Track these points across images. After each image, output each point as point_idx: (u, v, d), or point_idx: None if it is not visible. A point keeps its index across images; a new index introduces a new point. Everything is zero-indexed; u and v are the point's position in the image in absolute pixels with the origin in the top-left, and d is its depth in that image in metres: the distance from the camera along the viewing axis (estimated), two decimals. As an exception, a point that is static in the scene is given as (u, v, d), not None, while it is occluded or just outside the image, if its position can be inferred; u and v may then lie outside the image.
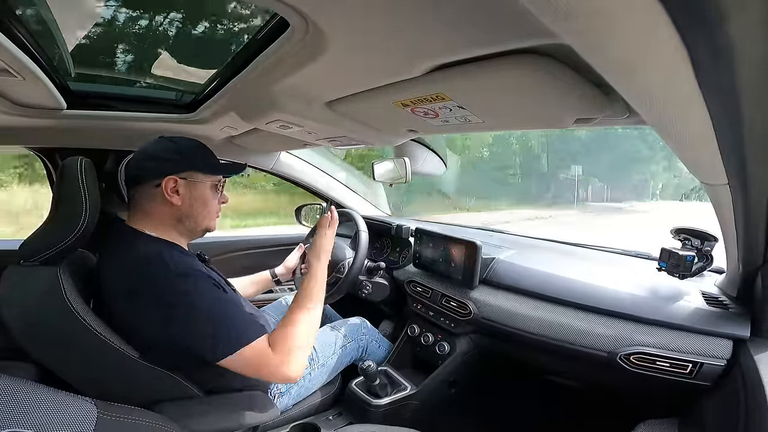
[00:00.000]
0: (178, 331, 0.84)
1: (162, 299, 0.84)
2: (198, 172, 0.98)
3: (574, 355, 1.02)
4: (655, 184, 14.17)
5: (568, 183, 18.96)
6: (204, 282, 0.88)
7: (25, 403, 0.46)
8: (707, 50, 0.31)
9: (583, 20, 0.28)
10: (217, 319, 0.85)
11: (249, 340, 0.85)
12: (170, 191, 0.94)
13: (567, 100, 0.66)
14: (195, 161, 0.97)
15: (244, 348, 0.84)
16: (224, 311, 0.87)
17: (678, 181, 11.31)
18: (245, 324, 0.88)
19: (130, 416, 0.60)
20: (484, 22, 0.47)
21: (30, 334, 0.85)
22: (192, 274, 0.88)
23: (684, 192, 6.47)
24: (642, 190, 15.94)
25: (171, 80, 1.16)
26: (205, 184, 0.99)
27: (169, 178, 0.94)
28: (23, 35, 0.72)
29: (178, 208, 0.96)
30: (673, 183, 11.91)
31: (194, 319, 0.84)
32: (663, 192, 12.09)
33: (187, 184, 0.96)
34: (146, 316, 0.86)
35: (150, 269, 0.87)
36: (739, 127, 0.45)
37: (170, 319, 0.84)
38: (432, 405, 1.29)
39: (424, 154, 1.63)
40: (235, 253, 1.87)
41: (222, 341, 0.84)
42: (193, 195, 0.98)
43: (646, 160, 13.69)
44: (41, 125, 1.19)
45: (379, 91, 0.78)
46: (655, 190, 13.62)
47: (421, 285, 1.41)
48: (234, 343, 0.84)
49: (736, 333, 0.86)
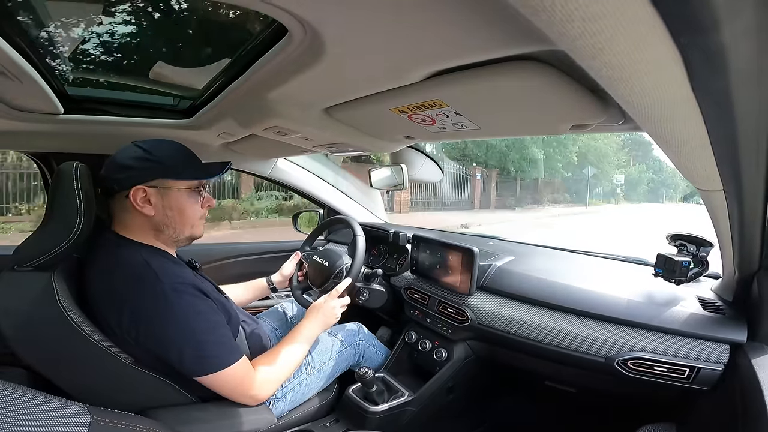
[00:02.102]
0: (159, 344, 0.85)
1: (145, 311, 0.85)
2: (170, 178, 0.93)
3: (571, 360, 1.02)
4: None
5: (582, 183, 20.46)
6: (190, 297, 0.88)
7: (18, 409, 0.46)
8: (701, 56, 0.32)
9: (578, 25, 0.28)
10: (199, 341, 0.86)
11: (225, 366, 0.88)
12: (140, 201, 0.90)
13: (563, 107, 0.66)
14: (166, 167, 0.92)
15: (219, 372, 0.87)
16: (207, 333, 0.87)
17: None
18: (225, 349, 0.90)
19: (123, 422, 0.59)
20: (480, 29, 0.48)
21: (23, 339, 0.84)
22: (178, 289, 0.87)
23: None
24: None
25: (168, 86, 1.16)
26: (179, 191, 0.94)
27: (137, 188, 0.89)
28: (21, 39, 0.72)
29: (152, 218, 0.93)
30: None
31: (176, 339, 0.85)
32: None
33: (158, 192, 0.92)
34: (129, 326, 0.85)
35: (136, 279, 0.86)
36: (734, 133, 0.45)
37: (153, 334, 0.85)
38: (429, 412, 1.28)
39: (421, 161, 1.64)
40: (229, 259, 1.85)
41: (198, 362, 0.86)
42: (167, 203, 0.93)
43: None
44: (38, 129, 1.18)
45: (377, 98, 0.78)
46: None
47: (418, 291, 1.41)
48: (210, 367, 0.87)
49: (733, 337, 0.86)
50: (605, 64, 0.34)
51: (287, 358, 1.03)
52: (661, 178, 43.48)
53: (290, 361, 1.04)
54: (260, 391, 0.95)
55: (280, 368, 1.00)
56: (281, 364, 1.01)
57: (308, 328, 1.12)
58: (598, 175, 24.33)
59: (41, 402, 0.49)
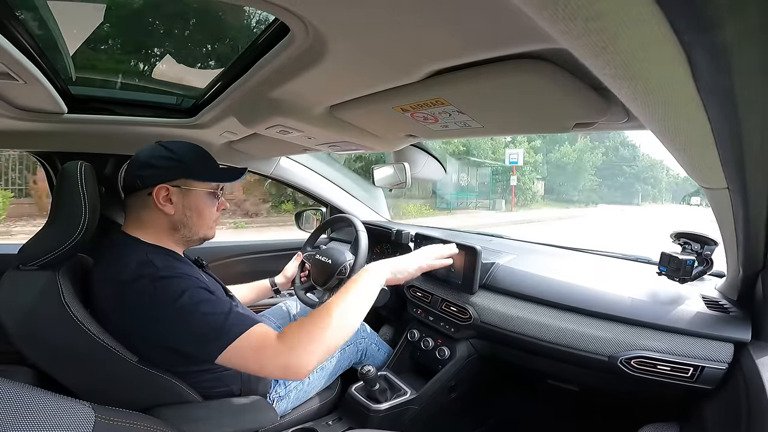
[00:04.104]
0: (168, 334, 0.83)
1: (150, 302, 0.83)
2: (192, 179, 0.95)
3: (574, 359, 1.01)
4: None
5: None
6: (191, 284, 0.85)
7: (23, 407, 0.46)
8: (705, 54, 0.31)
9: (581, 23, 0.28)
10: (206, 318, 0.80)
11: (240, 332, 0.79)
12: (162, 200, 0.92)
13: (566, 105, 0.66)
14: (189, 168, 0.95)
15: (237, 340, 0.78)
16: (212, 310, 0.82)
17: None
18: (236, 318, 0.81)
19: (128, 420, 0.60)
20: (483, 27, 0.48)
21: (28, 337, 0.85)
22: (179, 276, 0.85)
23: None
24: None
25: (171, 85, 1.17)
26: (200, 192, 0.97)
27: (160, 186, 0.91)
28: (25, 39, 0.73)
29: (171, 216, 0.94)
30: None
31: (183, 321, 0.81)
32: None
33: (180, 192, 0.94)
34: (135, 321, 0.85)
35: (138, 274, 0.85)
36: (738, 131, 0.45)
37: (158, 322, 0.82)
38: (432, 410, 1.28)
39: (423, 159, 1.64)
40: (233, 258, 1.86)
41: (212, 339, 0.79)
42: (187, 203, 0.96)
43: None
44: (42, 129, 1.19)
45: (379, 96, 0.78)
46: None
47: (421, 290, 1.41)
48: (224, 338, 0.78)
49: (737, 336, 0.86)
50: (608, 63, 0.34)
51: (330, 318, 0.82)
52: (635, 170, 34.05)
53: (335, 320, 0.82)
54: (291, 358, 0.77)
55: (320, 329, 0.80)
56: (321, 326, 0.81)
57: (367, 272, 0.95)
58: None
59: (46, 400, 0.49)
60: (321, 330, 0.80)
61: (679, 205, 22.25)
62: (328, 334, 0.80)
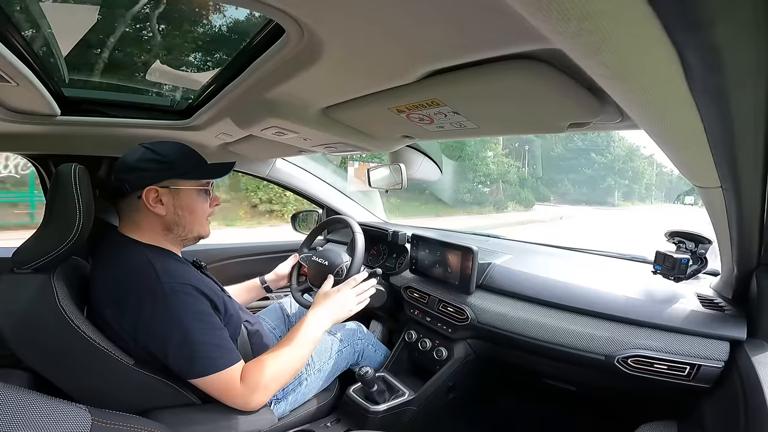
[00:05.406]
0: (154, 343, 0.85)
1: (145, 311, 0.85)
2: (180, 178, 0.95)
3: (571, 358, 1.02)
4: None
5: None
6: (187, 297, 0.88)
7: (19, 411, 0.46)
8: (697, 53, 0.32)
9: (575, 24, 0.28)
10: (193, 341, 0.85)
11: (218, 369, 0.86)
12: (152, 201, 0.92)
13: (561, 105, 0.66)
14: (176, 168, 0.94)
15: (213, 375, 0.86)
16: (202, 334, 0.87)
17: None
18: (219, 351, 0.88)
19: (125, 423, 0.59)
20: (478, 28, 0.48)
21: (23, 341, 0.84)
22: (176, 289, 0.87)
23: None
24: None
25: (166, 86, 1.16)
26: (189, 190, 0.97)
27: (149, 188, 0.92)
28: (17, 40, 0.72)
29: (163, 217, 0.95)
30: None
31: (171, 337, 0.84)
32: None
33: (169, 192, 0.94)
34: (130, 326, 0.86)
35: (137, 278, 0.86)
36: (731, 131, 0.45)
37: (149, 333, 0.85)
38: (430, 411, 1.28)
39: (419, 160, 1.64)
40: (230, 260, 1.86)
41: (193, 364, 0.85)
42: (178, 203, 0.96)
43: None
44: (35, 131, 1.18)
45: (374, 98, 0.78)
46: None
47: (418, 291, 1.41)
48: (205, 369, 0.85)
49: (732, 335, 0.86)
50: (602, 63, 0.34)
51: (284, 363, 0.95)
52: (607, 159, 25.68)
53: (287, 366, 0.95)
54: (252, 398, 0.89)
55: (275, 374, 0.92)
56: (277, 370, 0.93)
57: (312, 326, 1.03)
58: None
59: (43, 404, 0.49)
60: (277, 372, 0.93)
61: (673, 204, 20.71)
62: (281, 376, 0.94)
